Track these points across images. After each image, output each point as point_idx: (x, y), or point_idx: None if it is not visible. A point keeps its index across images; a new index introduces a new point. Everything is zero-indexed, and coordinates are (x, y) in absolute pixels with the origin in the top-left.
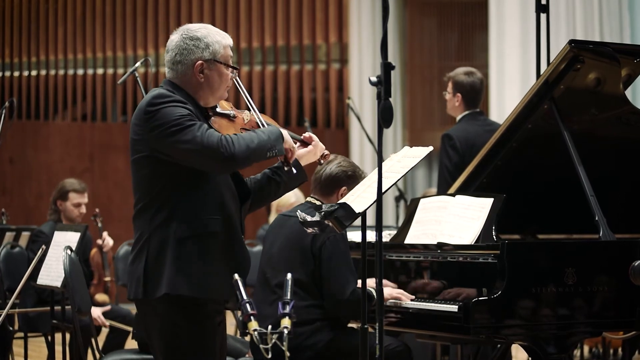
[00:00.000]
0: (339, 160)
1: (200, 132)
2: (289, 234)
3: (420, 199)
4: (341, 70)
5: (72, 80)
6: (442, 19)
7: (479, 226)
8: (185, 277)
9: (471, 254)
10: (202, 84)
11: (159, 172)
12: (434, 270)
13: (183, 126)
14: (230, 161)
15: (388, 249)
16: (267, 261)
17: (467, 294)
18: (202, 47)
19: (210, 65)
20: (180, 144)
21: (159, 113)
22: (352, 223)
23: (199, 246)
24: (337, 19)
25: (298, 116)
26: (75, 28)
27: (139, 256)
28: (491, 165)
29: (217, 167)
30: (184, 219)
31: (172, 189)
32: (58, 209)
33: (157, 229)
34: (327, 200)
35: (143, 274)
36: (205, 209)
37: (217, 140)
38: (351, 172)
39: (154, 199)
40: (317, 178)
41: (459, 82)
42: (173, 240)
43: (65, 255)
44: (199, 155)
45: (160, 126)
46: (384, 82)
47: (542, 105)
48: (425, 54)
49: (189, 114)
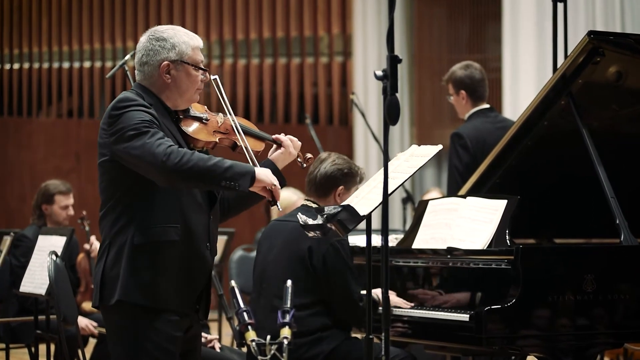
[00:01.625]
0: (332, 157)
1: (152, 139)
2: (286, 242)
3: (429, 201)
4: (345, 64)
5: (57, 74)
6: (453, 8)
7: (491, 230)
8: (138, 285)
9: (483, 260)
10: (169, 85)
11: (120, 177)
12: (444, 277)
13: (138, 132)
14: (169, 174)
15: (394, 254)
16: (263, 271)
17: (479, 302)
18: (168, 47)
19: (177, 66)
20: (131, 149)
21: (121, 117)
22: (356, 226)
23: (154, 254)
24: (340, 8)
25: (299, 112)
26: (61, 18)
27: (99, 262)
28: (504, 165)
29: (157, 178)
30: (141, 225)
31: (133, 194)
32: (43, 213)
33: (116, 234)
34: (324, 202)
35: (100, 281)
36: (164, 216)
37: (163, 150)
38: (347, 170)
39: (115, 204)
40: (312, 179)
41: (457, 79)
42: (129, 247)
43: (50, 261)
44: (143, 163)
45: (119, 130)
46: (391, 76)
47: (559, 101)
48: (435, 46)
49: (150, 120)
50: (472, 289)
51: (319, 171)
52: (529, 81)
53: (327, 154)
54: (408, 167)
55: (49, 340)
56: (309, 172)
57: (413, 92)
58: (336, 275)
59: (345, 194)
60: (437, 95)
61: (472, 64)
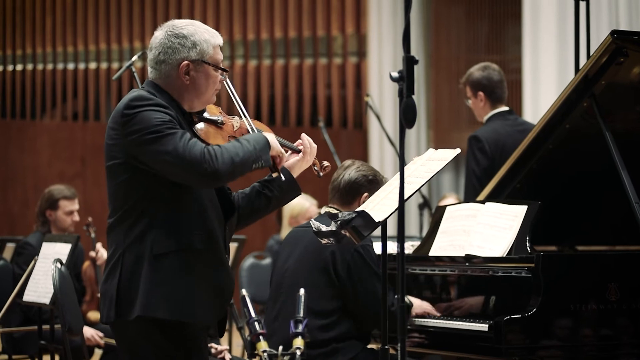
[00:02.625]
0: (357, 165)
1: (182, 142)
2: (306, 249)
3: (447, 206)
4: (359, 65)
5: (61, 75)
6: (471, 7)
7: (511, 237)
8: (162, 298)
9: (503, 268)
10: (187, 86)
11: (135, 181)
12: (462, 285)
13: (162, 134)
14: (213, 177)
15: (411, 261)
16: (281, 278)
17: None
18: (189, 46)
19: (197, 67)
20: (158, 154)
21: (137, 117)
22: (372, 233)
23: (178, 263)
24: (355, 7)
25: (311, 115)
26: (65, 17)
27: (112, 273)
28: (525, 170)
29: (198, 182)
30: (162, 233)
31: (150, 200)
32: (47, 219)
33: (132, 244)
34: (348, 209)
35: (116, 294)
36: (187, 223)
37: (200, 153)
38: (372, 177)
39: (130, 210)
40: (336, 186)
41: (475, 80)
42: (149, 257)
43: (54, 269)
44: (179, 169)
45: (137, 132)
46: (407, 78)
47: (582, 102)
48: (452, 46)
49: (170, 120)
50: (491, 297)
51: (343, 177)
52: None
53: (351, 161)
54: (425, 171)
55: (54, 351)
56: (333, 179)
57: (430, 94)
58: (363, 283)
59: None
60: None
61: (490, 64)
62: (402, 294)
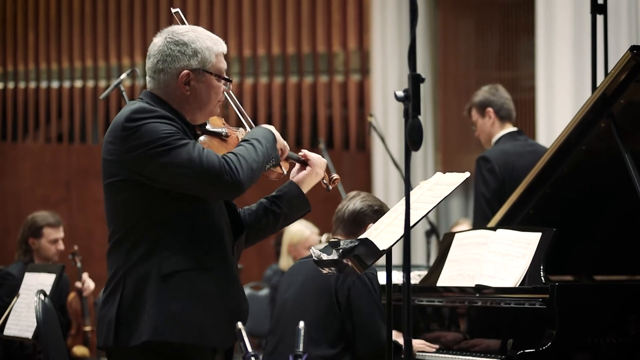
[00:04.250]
0: (362, 195)
1: (197, 153)
2: (307, 278)
3: (455, 234)
4: (362, 83)
5: (45, 94)
6: (481, 21)
7: (524, 266)
8: (171, 319)
9: (516, 299)
10: (188, 97)
11: (138, 198)
12: (472, 318)
13: (174, 146)
14: (235, 188)
15: (418, 292)
16: (281, 309)
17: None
18: (190, 54)
19: (198, 76)
20: (172, 167)
21: (141, 130)
22: (376, 262)
23: (188, 282)
24: (357, 22)
25: (311, 136)
26: (49, 32)
27: (111, 297)
28: (538, 194)
29: (219, 194)
30: (169, 252)
31: (155, 218)
32: (30, 248)
33: (135, 265)
34: None
35: (115, 317)
36: (196, 241)
37: (218, 163)
38: (377, 207)
39: (132, 230)
40: (340, 216)
41: (481, 99)
42: (155, 277)
43: (37, 301)
44: (198, 181)
45: (143, 145)
46: (413, 97)
47: (599, 123)
48: (461, 63)
49: (177, 131)
50: (504, 330)
51: (348, 208)
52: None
53: (356, 192)
54: (432, 196)
55: None
56: (337, 210)
57: (437, 113)
58: (361, 315)
59: None
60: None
61: (497, 85)
62: (408, 327)
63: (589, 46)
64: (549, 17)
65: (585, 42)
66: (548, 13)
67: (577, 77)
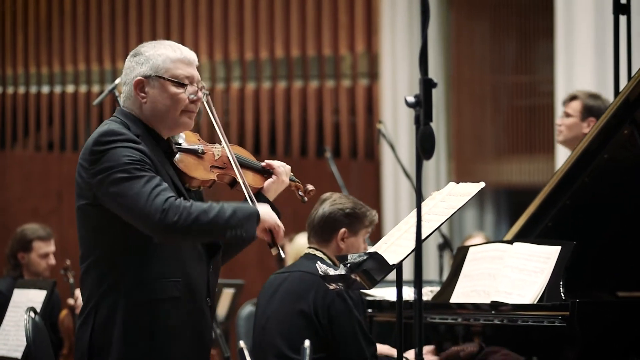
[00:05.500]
0: (333, 197)
1: (146, 187)
2: (286, 295)
3: (470, 247)
4: (370, 88)
5: (34, 100)
6: (496, 22)
7: (543, 281)
8: (137, 352)
9: (534, 316)
10: (145, 105)
11: (106, 224)
12: (487, 336)
13: (129, 176)
14: (163, 231)
15: (430, 309)
16: (262, 329)
17: None
18: (142, 61)
19: (151, 82)
20: (118, 197)
21: (106, 155)
22: (385, 277)
23: (155, 313)
24: (366, 23)
25: (317, 144)
26: (39, 34)
27: (83, 327)
28: (557, 205)
29: (151, 234)
30: (136, 282)
31: (123, 245)
32: (19, 262)
33: (105, 294)
34: (327, 249)
35: (88, 350)
36: (162, 269)
37: (160, 204)
38: (350, 210)
39: (100, 256)
40: (310, 222)
41: (596, 107)
42: (123, 308)
43: (27, 319)
44: (135, 216)
45: (104, 170)
46: (424, 103)
47: (622, 129)
48: (476, 67)
49: (141, 159)
50: (521, 350)
51: (317, 213)
52: None
53: (328, 194)
54: (445, 208)
55: None
56: (309, 216)
57: (450, 120)
58: (344, 331)
59: (350, 237)
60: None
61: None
62: (420, 347)
63: (611, 48)
64: (569, 18)
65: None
66: (568, 14)
67: (599, 81)
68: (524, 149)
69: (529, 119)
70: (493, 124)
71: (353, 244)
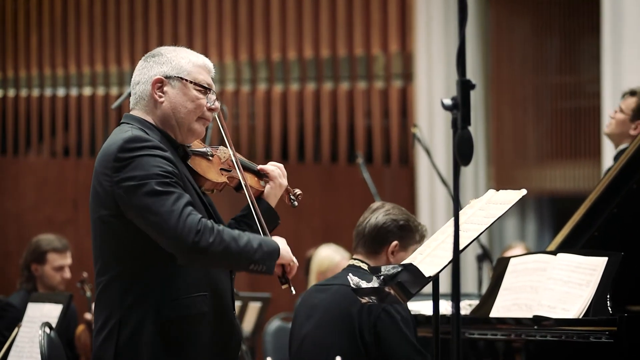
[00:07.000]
0: (387, 207)
1: (177, 206)
2: (327, 310)
3: (511, 258)
4: (405, 89)
5: (49, 103)
6: (539, 20)
7: (589, 294)
8: None
9: (579, 332)
10: (162, 105)
11: (130, 236)
12: (530, 353)
13: (160, 190)
14: (197, 255)
15: (468, 324)
16: (299, 347)
17: None
18: (163, 61)
19: (172, 82)
20: (146, 212)
21: (133, 163)
22: (421, 290)
23: (184, 331)
24: (400, 21)
25: (348, 150)
26: (54, 34)
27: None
28: (604, 214)
29: (180, 255)
30: (165, 296)
31: (148, 258)
32: (33, 275)
33: (130, 309)
34: (374, 261)
35: None
36: (190, 284)
37: (194, 226)
38: (403, 222)
39: (123, 270)
40: (360, 231)
41: None
42: (153, 324)
43: (42, 335)
44: (164, 234)
45: (131, 179)
46: (462, 105)
47: None
48: (516, 67)
49: (172, 172)
50: None
51: (369, 222)
52: None
53: (380, 203)
54: (484, 217)
55: None
56: (357, 224)
57: (490, 124)
58: (392, 351)
59: (400, 252)
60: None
61: None
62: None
63: None
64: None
65: None
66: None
67: None
68: (568, 153)
69: (574, 122)
70: (535, 127)
71: (402, 259)
